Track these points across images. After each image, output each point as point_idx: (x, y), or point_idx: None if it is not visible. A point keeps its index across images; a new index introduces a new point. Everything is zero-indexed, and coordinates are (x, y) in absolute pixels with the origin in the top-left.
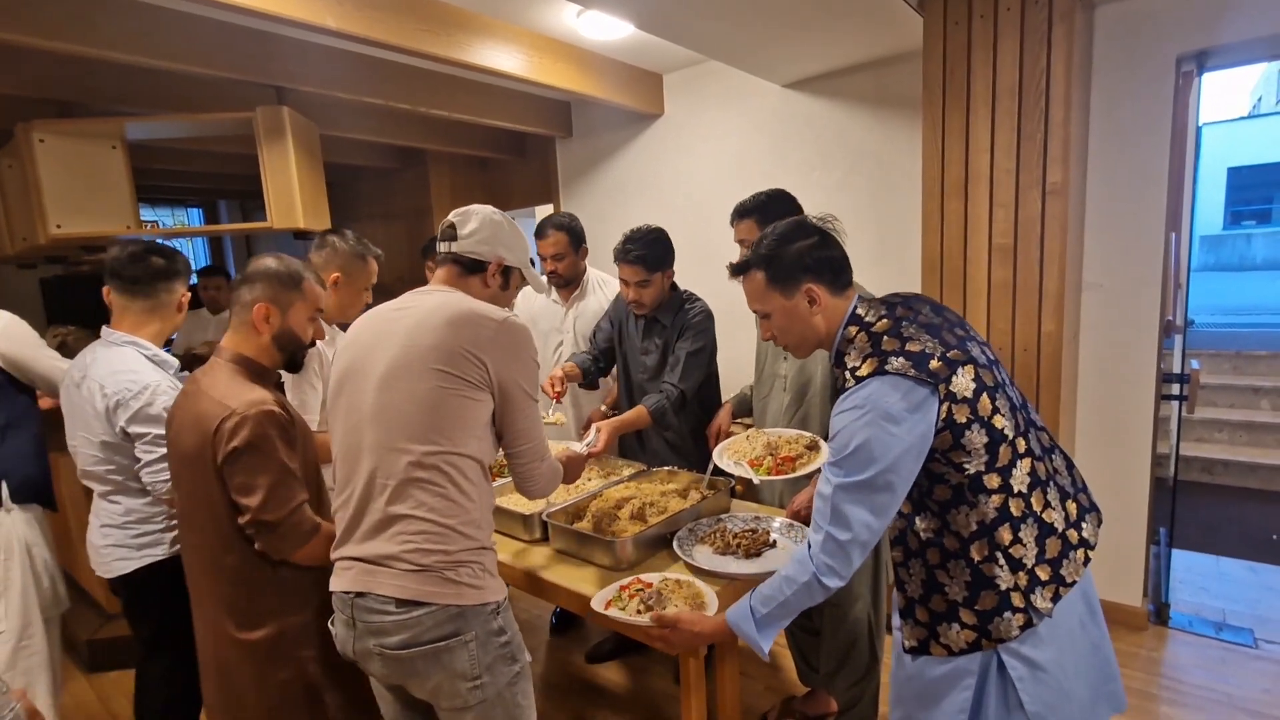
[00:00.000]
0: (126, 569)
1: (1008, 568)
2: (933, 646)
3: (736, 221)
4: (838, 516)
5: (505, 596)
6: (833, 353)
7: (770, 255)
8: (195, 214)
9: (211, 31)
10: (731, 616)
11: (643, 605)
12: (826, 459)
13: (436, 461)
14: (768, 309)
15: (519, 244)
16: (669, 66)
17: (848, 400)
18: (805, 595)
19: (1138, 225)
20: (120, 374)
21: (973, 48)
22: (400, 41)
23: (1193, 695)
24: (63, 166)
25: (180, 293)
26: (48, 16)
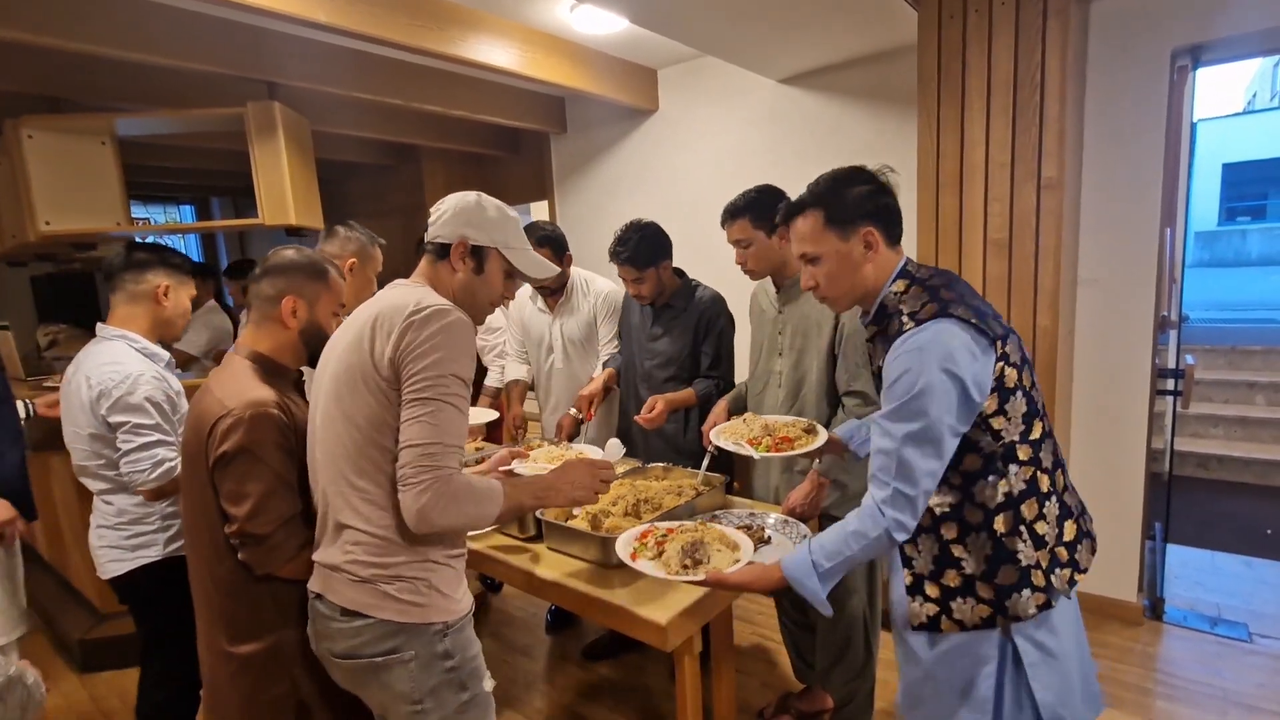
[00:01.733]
0: (120, 570)
1: (1031, 543)
2: (944, 622)
3: (729, 222)
4: (904, 470)
5: (460, 616)
6: (874, 307)
7: (831, 195)
8: (188, 211)
9: (202, 26)
10: (792, 571)
11: (689, 560)
12: (885, 409)
13: (372, 470)
14: (820, 251)
15: (494, 224)
16: (663, 62)
17: (908, 341)
18: (875, 550)
19: (1133, 221)
20: (106, 365)
21: (968, 42)
22: (392, 36)
23: (1188, 690)
24: (52, 163)
25: (155, 283)
26: (37, 11)
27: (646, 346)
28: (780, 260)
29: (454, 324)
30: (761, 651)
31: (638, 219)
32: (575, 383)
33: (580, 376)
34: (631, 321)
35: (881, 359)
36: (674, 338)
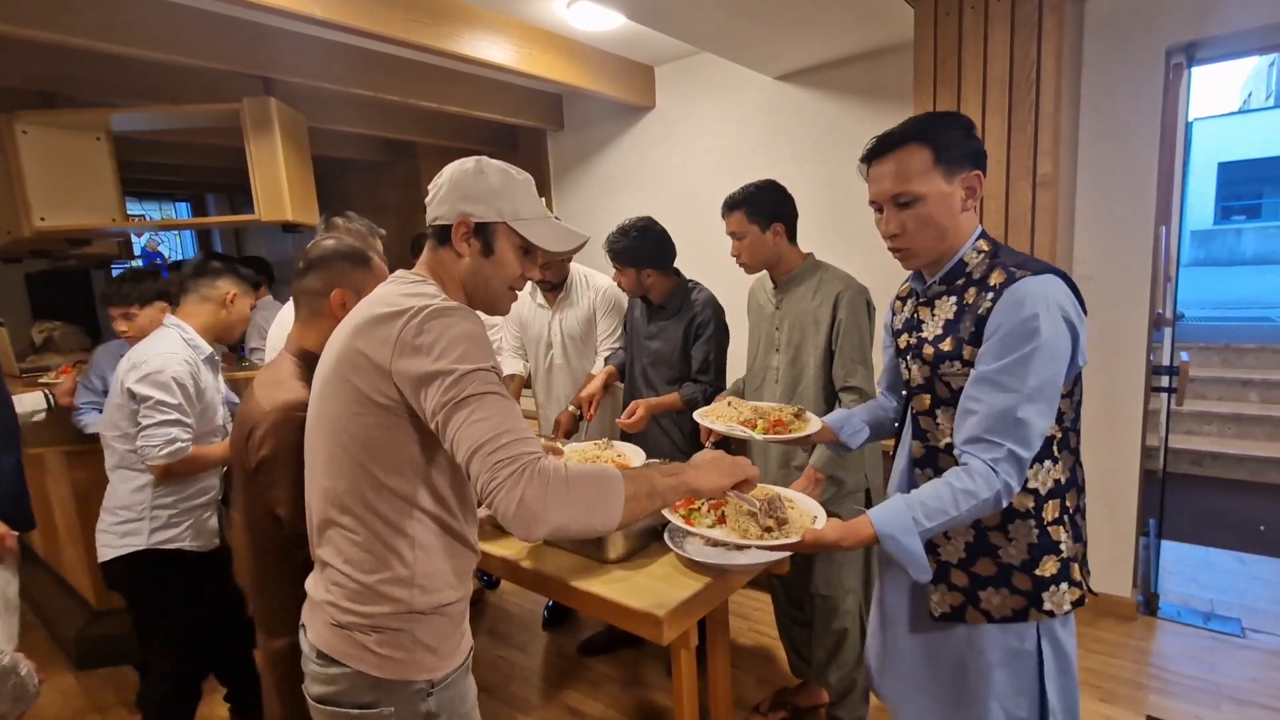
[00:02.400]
0: (109, 555)
1: (1071, 535)
2: (969, 613)
3: (727, 214)
4: (1021, 430)
5: (449, 672)
6: (949, 265)
7: (939, 132)
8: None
9: (198, 21)
10: (887, 527)
11: (773, 521)
12: (995, 362)
13: (351, 503)
14: (921, 192)
15: (498, 193)
16: (660, 58)
17: (1025, 286)
18: (980, 513)
19: (1128, 218)
20: (149, 345)
21: (963, 39)
22: (388, 31)
23: (1181, 684)
24: (46, 158)
25: (224, 290)
26: (30, 5)
27: (644, 345)
28: (774, 255)
29: (454, 320)
30: (757, 648)
31: (650, 219)
32: (574, 379)
33: (579, 373)
34: (633, 318)
35: (937, 325)
36: (666, 339)
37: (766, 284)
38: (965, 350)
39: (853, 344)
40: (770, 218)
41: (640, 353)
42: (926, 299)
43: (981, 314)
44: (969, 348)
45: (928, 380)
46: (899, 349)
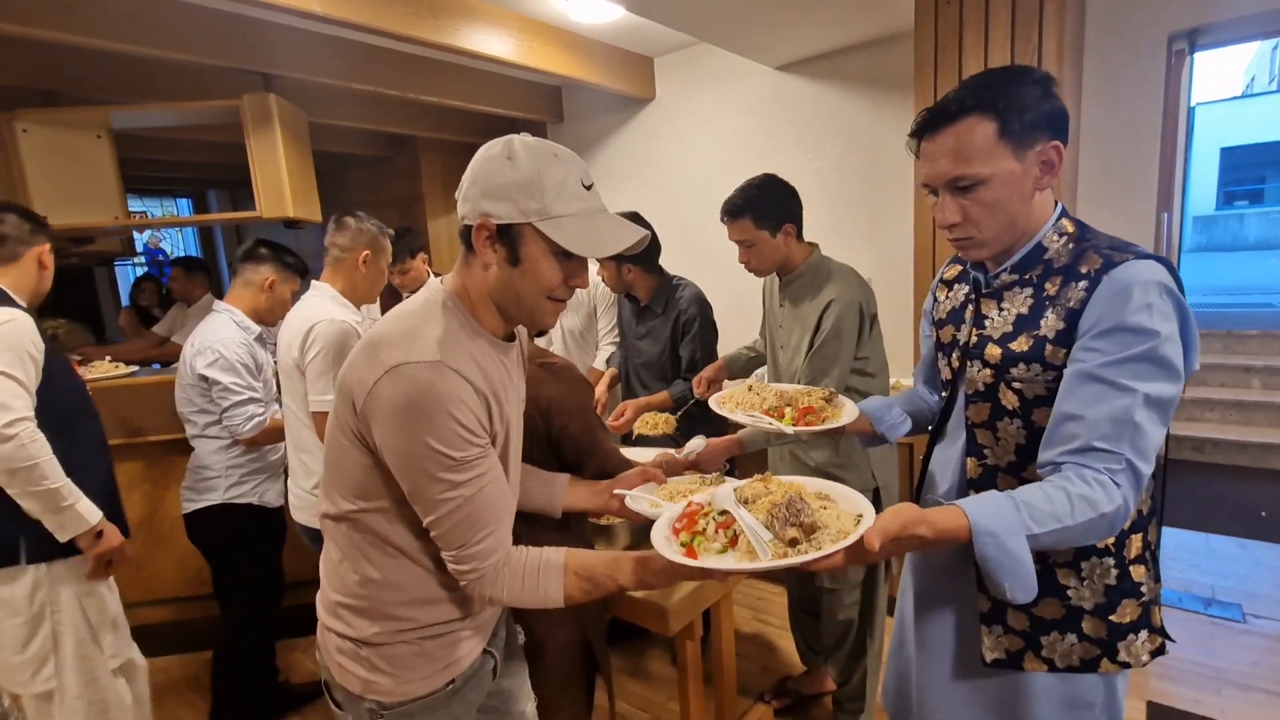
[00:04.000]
0: (188, 509)
1: (1153, 574)
2: (1028, 660)
3: (729, 221)
4: (1139, 439)
5: (405, 700)
6: (1025, 251)
7: (1008, 99)
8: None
9: (197, 17)
10: (988, 522)
11: (797, 530)
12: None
13: (332, 527)
14: (986, 173)
15: (524, 187)
16: (660, 49)
17: (1121, 275)
18: (1094, 533)
19: (1130, 206)
20: (209, 331)
21: (964, 27)
22: (387, 26)
23: (1182, 669)
24: (47, 157)
25: (266, 276)
26: (30, 3)
27: (634, 345)
28: (784, 257)
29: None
30: (762, 637)
31: (635, 214)
32: None
33: (580, 368)
34: (623, 318)
35: (1006, 322)
36: (653, 340)
37: (775, 279)
38: (1047, 350)
39: (826, 355)
40: (780, 219)
41: (631, 353)
42: (992, 290)
43: (1074, 307)
44: (1052, 347)
45: (989, 387)
46: (940, 342)
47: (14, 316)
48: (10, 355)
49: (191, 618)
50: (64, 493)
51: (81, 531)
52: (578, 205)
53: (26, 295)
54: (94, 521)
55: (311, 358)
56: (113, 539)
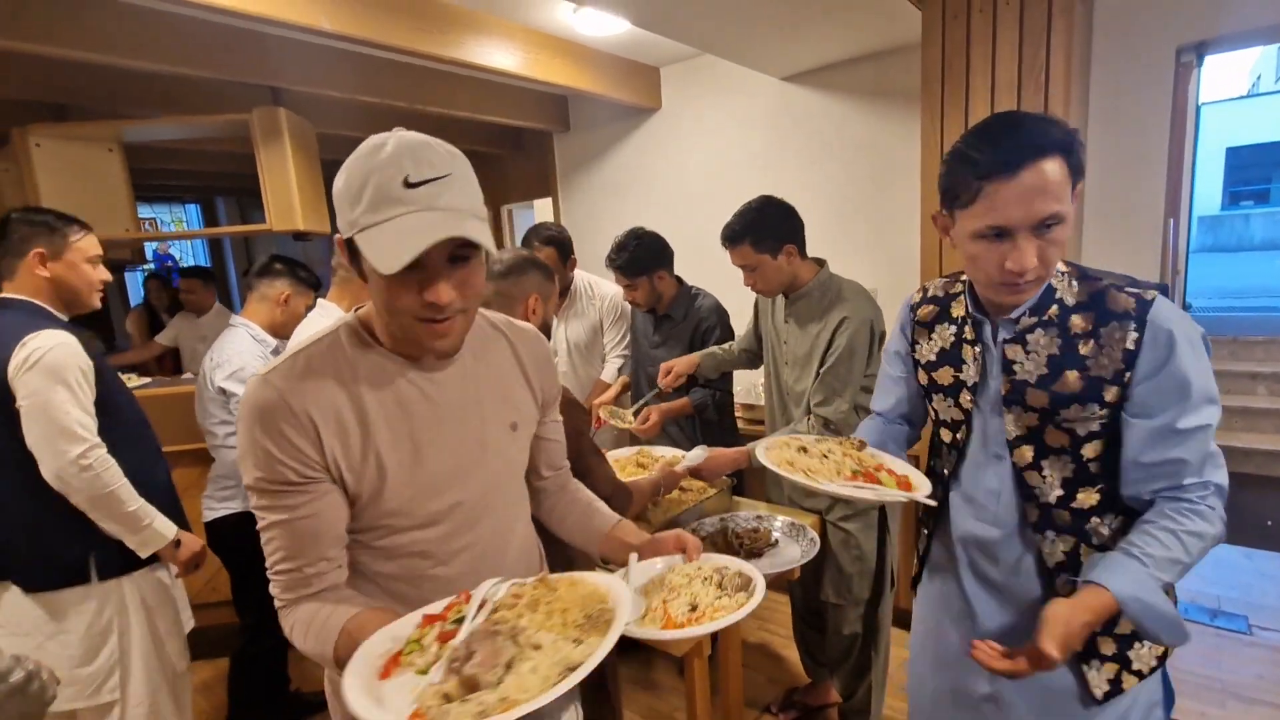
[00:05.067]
0: (210, 517)
1: None
2: (1125, 678)
3: (730, 247)
4: (1217, 461)
5: None
6: (1042, 292)
7: (1073, 137)
8: (193, 210)
9: (207, 33)
10: (1130, 589)
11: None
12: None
13: None
14: (1065, 211)
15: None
16: (666, 60)
17: (1159, 318)
18: (1206, 551)
19: (1136, 214)
20: (227, 346)
21: (971, 42)
22: (395, 41)
23: (1187, 682)
24: (60, 170)
25: (281, 290)
26: (43, 21)
27: (649, 354)
28: (789, 276)
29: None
30: (768, 648)
31: (640, 227)
32: (580, 387)
33: (586, 381)
34: (638, 326)
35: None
36: (671, 348)
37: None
38: (1108, 392)
39: (839, 374)
40: (780, 241)
41: (645, 361)
42: (1016, 335)
43: (1130, 348)
44: (1113, 389)
45: (1033, 430)
46: (937, 384)
47: (60, 340)
48: (63, 384)
49: (204, 625)
50: (141, 513)
51: (162, 546)
52: (392, 210)
53: (57, 305)
54: (171, 535)
55: None
56: (193, 544)
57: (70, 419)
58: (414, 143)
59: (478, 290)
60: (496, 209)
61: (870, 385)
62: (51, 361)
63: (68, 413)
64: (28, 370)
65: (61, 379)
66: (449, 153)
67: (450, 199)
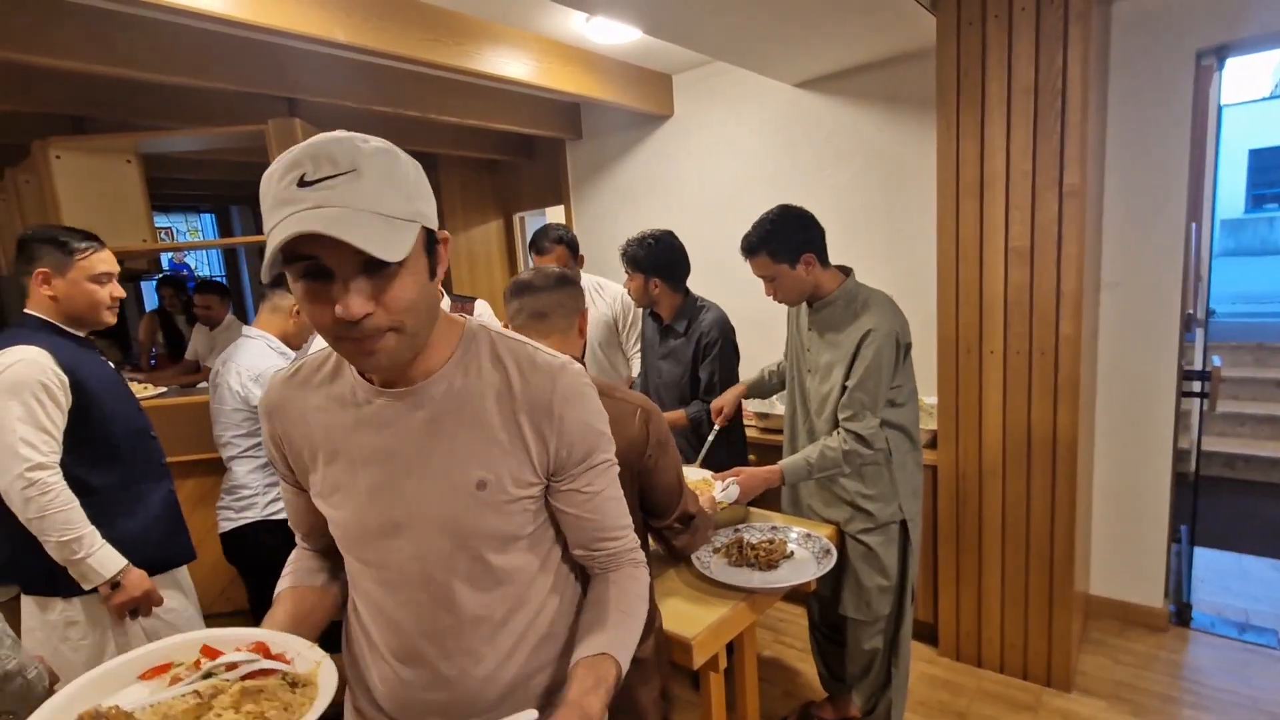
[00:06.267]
0: (228, 527)
1: None
2: None
3: (748, 257)
4: None
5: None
6: None
7: None
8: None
9: (224, 46)
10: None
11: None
12: None
13: None
14: None
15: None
16: (678, 67)
17: None
18: None
19: (1158, 220)
20: (256, 357)
21: (987, 48)
22: (409, 52)
23: (1215, 698)
24: (79, 182)
25: (292, 301)
26: (63, 36)
27: (656, 365)
28: (810, 285)
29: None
30: (782, 661)
31: (670, 233)
32: (611, 379)
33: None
34: (647, 336)
35: None
36: (674, 362)
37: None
38: None
39: (868, 389)
40: (798, 250)
41: (652, 373)
42: None
43: None
44: None
45: None
46: None
47: (25, 355)
48: (18, 399)
49: None
50: (79, 544)
51: (99, 582)
52: (281, 213)
53: (70, 322)
54: (107, 574)
55: None
56: (132, 589)
57: (14, 436)
58: (322, 140)
59: (407, 303)
60: (509, 216)
61: (895, 397)
62: (11, 377)
63: (14, 429)
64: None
65: (17, 395)
66: (370, 150)
67: (347, 196)
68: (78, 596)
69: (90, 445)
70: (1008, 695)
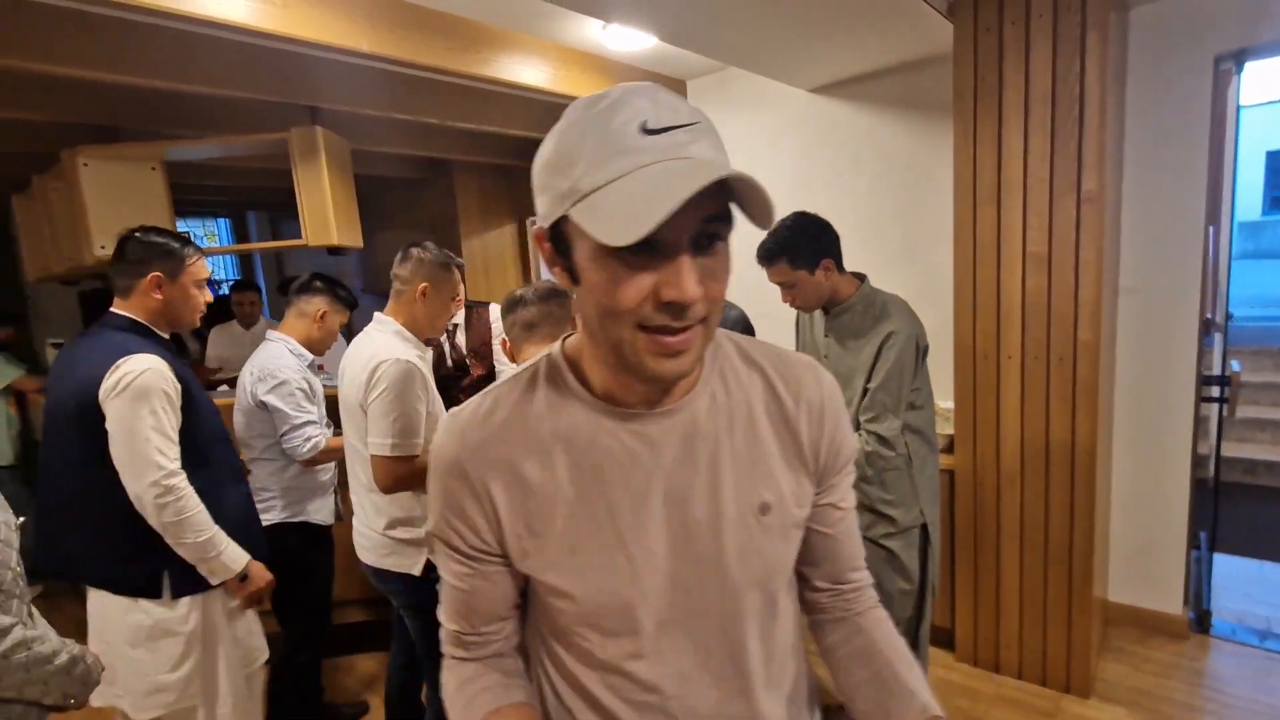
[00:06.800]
0: None
1: None
2: None
3: (765, 265)
4: None
5: None
6: None
7: None
8: (223, 224)
9: (248, 56)
10: None
11: None
12: None
13: None
14: None
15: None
16: (692, 73)
17: None
18: None
19: (1175, 224)
20: (269, 359)
21: (1004, 54)
22: (431, 61)
23: (1236, 707)
24: (106, 189)
25: (318, 307)
26: (91, 47)
27: None
28: (828, 291)
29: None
30: None
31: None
32: None
33: None
34: None
35: None
36: None
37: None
38: None
39: (890, 390)
40: (817, 256)
41: None
42: None
43: None
44: None
45: None
46: None
47: (150, 364)
48: (148, 409)
49: None
50: (211, 544)
51: (228, 577)
52: (626, 163)
53: (161, 325)
54: (238, 568)
55: (374, 398)
56: (258, 579)
57: (150, 445)
58: (647, 87)
59: (722, 292)
60: (522, 221)
61: (914, 400)
62: (140, 386)
63: (148, 439)
64: (117, 395)
65: (148, 403)
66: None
67: (703, 150)
68: (185, 596)
69: (189, 451)
70: (1026, 701)
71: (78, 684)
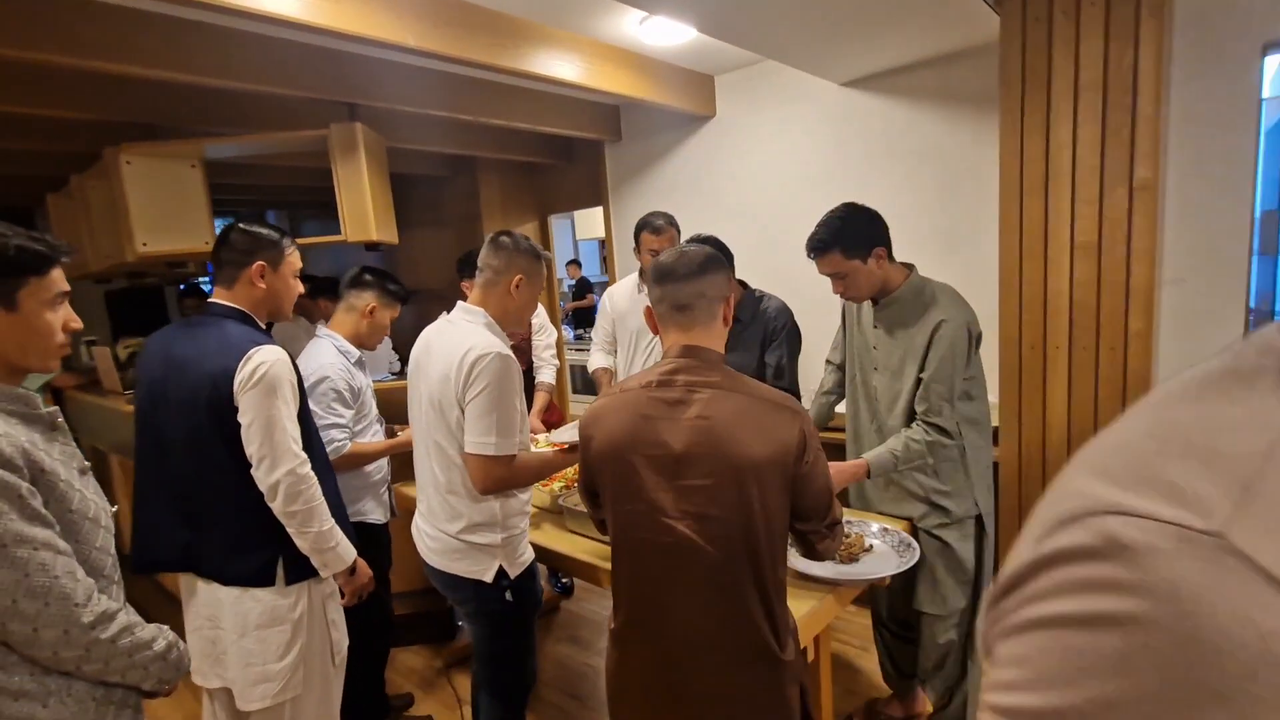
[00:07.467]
0: None
1: None
2: None
3: (817, 257)
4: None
5: None
6: None
7: None
8: None
9: (289, 53)
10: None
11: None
12: None
13: None
14: None
15: None
16: (722, 68)
17: None
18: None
19: (1222, 214)
20: (311, 359)
21: (1054, 44)
22: (473, 56)
23: None
24: (147, 186)
25: (368, 302)
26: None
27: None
28: (880, 280)
29: None
30: (842, 658)
31: (713, 236)
32: None
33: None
34: None
35: None
36: (741, 352)
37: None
38: None
39: (943, 380)
40: (869, 245)
41: None
42: None
43: None
44: None
45: None
46: None
47: (279, 355)
48: (282, 399)
49: None
50: (331, 534)
51: (340, 569)
52: None
53: (261, 315)
54: (350, 560)
55: (475, 395)
56: (364, 574)
57: (288, 435)
58: None
59: None
60: (543, 217)
61: (969, 389)
62: (273, 377)
63: (285, 429)
64: (253, 386)
65: (280, 393)
66: None
67: None
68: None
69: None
70: None
71: (172, 669)
